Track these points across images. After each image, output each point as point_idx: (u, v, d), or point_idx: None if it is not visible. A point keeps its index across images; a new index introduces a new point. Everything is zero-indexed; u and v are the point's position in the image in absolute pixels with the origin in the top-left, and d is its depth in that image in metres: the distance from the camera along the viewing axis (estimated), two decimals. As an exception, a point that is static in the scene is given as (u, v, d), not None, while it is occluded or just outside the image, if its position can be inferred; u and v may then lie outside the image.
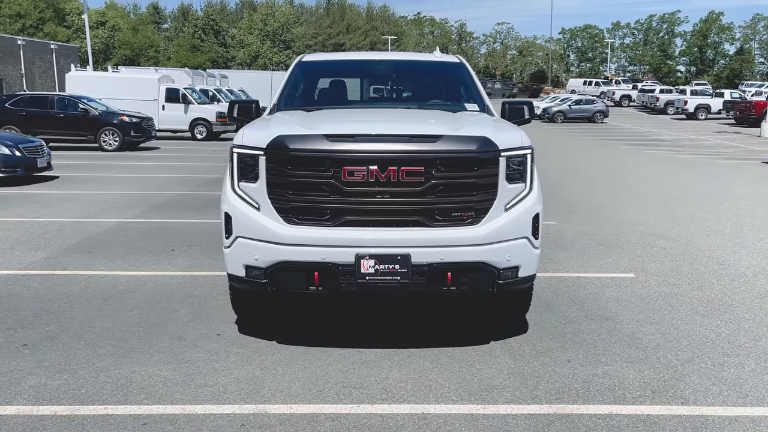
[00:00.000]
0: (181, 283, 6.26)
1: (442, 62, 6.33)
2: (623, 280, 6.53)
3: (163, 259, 7.18)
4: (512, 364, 4.39)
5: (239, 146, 4.47)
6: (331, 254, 4.22)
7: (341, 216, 4.25)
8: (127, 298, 5.77)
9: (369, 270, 4.21)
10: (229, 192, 4.51)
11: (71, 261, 7.06)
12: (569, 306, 5.67)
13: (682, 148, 23.94)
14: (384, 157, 4.17)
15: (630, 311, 5.54)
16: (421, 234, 4.25)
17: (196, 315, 5.36)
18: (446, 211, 4.28)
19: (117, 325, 5.11)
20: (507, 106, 5.61)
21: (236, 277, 4.51)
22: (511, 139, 4.49)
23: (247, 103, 5.62)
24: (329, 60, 6.63)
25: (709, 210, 10.67)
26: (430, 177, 4.20)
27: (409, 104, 5.85)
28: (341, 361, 4.41)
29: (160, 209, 10.33)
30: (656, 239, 8.40)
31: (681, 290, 6.18)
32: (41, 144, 13.81)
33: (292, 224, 4.29)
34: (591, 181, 14.26)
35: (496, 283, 4.37)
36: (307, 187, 4.24)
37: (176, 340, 4.81)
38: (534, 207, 4.50)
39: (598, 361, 4.45)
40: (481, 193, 4.31)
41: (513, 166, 4.42)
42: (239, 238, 4.42)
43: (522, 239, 4.44)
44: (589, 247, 7.91)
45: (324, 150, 4.19)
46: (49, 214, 9.76)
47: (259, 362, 4.41)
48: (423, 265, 4.23)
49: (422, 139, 4.27)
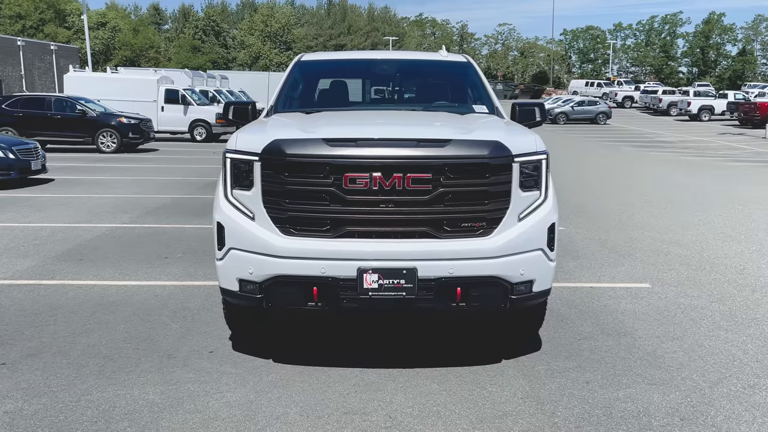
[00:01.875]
0: (174, 294, 5.94)
1: (449, 62, 6.01)
2: (638, 290, 6.20)
3: (156, 268, 6.87)
4: (526, 386, 4.07)
5: (233, 151, 4.16)
6: (331, 268, 3.90)
7: (342, 226, 3.93)
8: (116, 311, 5.46)
9: (372, 285, 3.90)
10: (221, 200, 4.19)
11: (60, 269, 6.75)
12: (584, 320, 5.35)
13: (686, 149, 23.62)
14: (388, 163, 3.86)
15: (648, 325, 5.22)
16: (428, 246, 3.93)
17: (188, 329, 5.05)
18: (455, 222, 3.97)
19: (103, 341, 4.79)
20: (517, 108, 5.30)
21: (229, 291, 4.20)
22: (524, 143, 4.17)
23: (243, 104, 5.31)
24: (330, 59, 6.31)
25: (720, 214, 10.34)
26: (438, 184, 3.89)
27: (414, 106, 5.53)
28: (342, 383, 4.09)
29: (155, 213, 10.02)
30: (669, 246, 8.07)
31: (700, 302, 5.86)
32: (36, 146, 13.51)
33: (289, 235, 3.98)
34: (598, 184, 13.94)
35: (509, 298, 4.06)
36: (306, 196, 3.93)
37: (165, 357, 4.49)
38: (549, 216, 4.19)
39: (618, 383, 4.13)
40: (492, 201, 4.00)
41: (527, 172, 4.11)
42: (232, 249, 4.11)
43: (537, 251, 4.13)
44: (600, 255, 7.60)
45: (323, 155, 3.88)
46: (41, 219, 9.45)
47: (253, 384, 4.09)
48: (430, 280, 3.91)
49: (430, 143, 3.95)
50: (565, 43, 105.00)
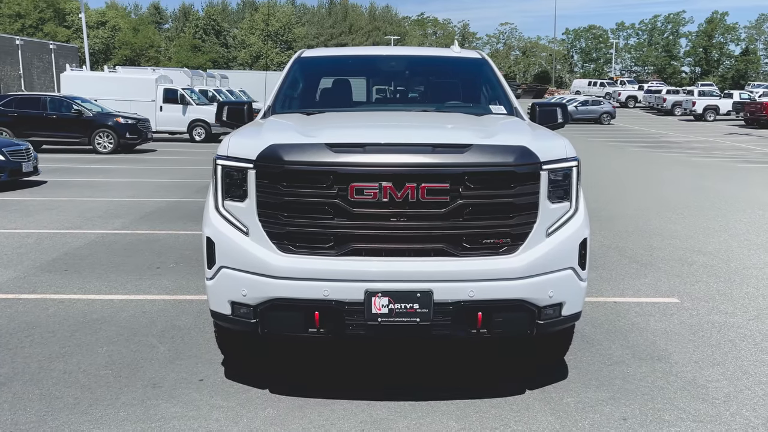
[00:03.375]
0: (164, 311, 5.48)
1: (462, 58, 5.53)
2: (667, 306, 5.73)
3: (147, 280, 6.40)
4: (556, 424, 3.60)
5: (224, 157, 3.70)
6: (335, 290, 3.44)
7: (348, 243, 3.47)
8: (99, 330, 4.99)
9: (382, 310, 3.43)
10: (212, 212, 3.73)
11: (42, 282, 6.28)
12: (612, 341, 4.88)
13: (693, 150, 23.16)
14: (400, 172, 3.39)
15: (684, 348, 4.75)
16: (445, 265, 3.47)
17: (177, 353, 4.58)
18: (476, 238, 3.50)
19: (82, 366, 4.32)
20: (538, 108, 4.85)
21: (220, 315, 3.73)
22: (554, 148, 3.70)
23: (238, 104, 4.86)
24: (332, 56, 5.83)
25: (741, 219, 9.86)
26: (456, 196, 3.42)
27: (425, 106, 5.06)
28: (347, 420, 3.62)
29: (149, 218, 9.55)
30: (693, 255, 7.60)
31: (736, 320, 5.38)
32: (27, 147, 13.05)
33: (287, 253, 3.51)
34: (608, 187, 13.45)
35: (536, 323, 3.59)
36: (306, 208, 3.46)
37: (150, 387, 4.02)
38: (581, 231, 3.72)
39: (660, 420, 3.66)
40: (518, 215, 3.53)
41: (557, 181, 3.64)
42: (224, 268, 3.64)
43: (567, 270, 3.66)
44: (620, 265, 7.12)
45: (327, 163, 3.41)
46: (28, 225, 8.99)
47: (247, 420, 3.62)
48: (448, 304, 3.44)
49: (447, 148, 3.48)
50: (568, 42, 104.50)
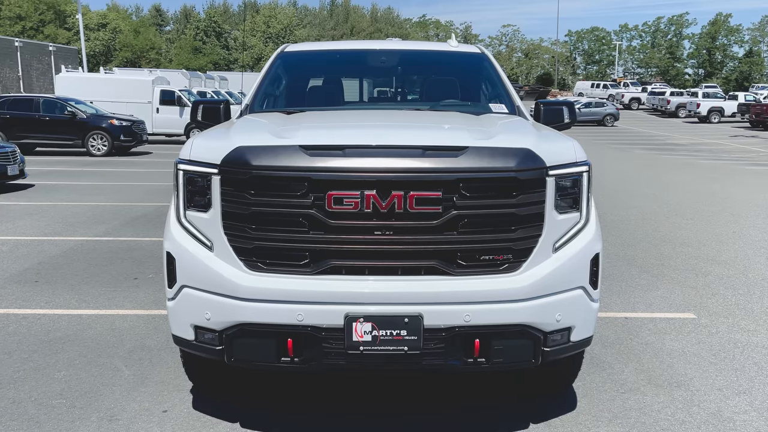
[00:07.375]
0: (135, 328, 5.03)
1: (460, 53, 5.08)
2: (683, 322, 5.27)
3: (122, 292, 5.96)
4: (564, 467, 3.15)
5: (186, 161, 3.25)
6: (310, 314, 2.98)
7: (325, 260, 3.01)
8: (60, 351, 4.54)
9: (364, 337, 2.97)
10: (173, 224, 3.28)
11: (8, 295, 5.84)
12: (624, 364, 4.41)
13: (700, 152, 22.69)
14: (386, 178, 2.94)
15: (704, 372, 4.28)
16: (437, 286, 3.01)
17: (143, 378, 4.13)
18: (472, 254, 3.04)
19: (34, 394, 3.88)
20: (542, 107, 4.40)
21: (183, 340, 3.28)
22: (561, 151, 3.25)
23: (213, 103, 4.42)
24: (318, 50, 5.37)
25: (755, 225, 9.39)
26: (450, 205, 2.97)
27: (418, 105, 4.61)
28: (326, 461, 3.18)
29: (134, 224, 9.12)
30: (707, 264, 7.13)
31: (760, 339, 4.92)
32: (13, 150, 12.62)
33: (256, 271, 3.06)
34: (614, 191, 12.98)
35: (541, 351, 3.14)
36: (278, 220, 3.01)
37: (106, 420, 3.57)
38: (592, 245, 3.27)
39: (684, 462, 3.21)
40: (521, 227, 3.07)
41: (565, 188, 3.19)
42: (185, 288, 3.20)
43: (577, 290, 3.21)
44: (630, 276, 6.65)
45: (300, 168, 2.96)
46: (6, 231, 8.55)
47: (211, 462, 3.18)
48: (440, 330, 2.99)
49: (440, 151, 3.03)
50: (570, 44, 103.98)
